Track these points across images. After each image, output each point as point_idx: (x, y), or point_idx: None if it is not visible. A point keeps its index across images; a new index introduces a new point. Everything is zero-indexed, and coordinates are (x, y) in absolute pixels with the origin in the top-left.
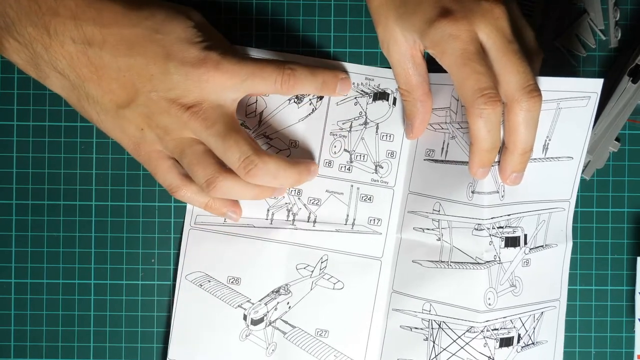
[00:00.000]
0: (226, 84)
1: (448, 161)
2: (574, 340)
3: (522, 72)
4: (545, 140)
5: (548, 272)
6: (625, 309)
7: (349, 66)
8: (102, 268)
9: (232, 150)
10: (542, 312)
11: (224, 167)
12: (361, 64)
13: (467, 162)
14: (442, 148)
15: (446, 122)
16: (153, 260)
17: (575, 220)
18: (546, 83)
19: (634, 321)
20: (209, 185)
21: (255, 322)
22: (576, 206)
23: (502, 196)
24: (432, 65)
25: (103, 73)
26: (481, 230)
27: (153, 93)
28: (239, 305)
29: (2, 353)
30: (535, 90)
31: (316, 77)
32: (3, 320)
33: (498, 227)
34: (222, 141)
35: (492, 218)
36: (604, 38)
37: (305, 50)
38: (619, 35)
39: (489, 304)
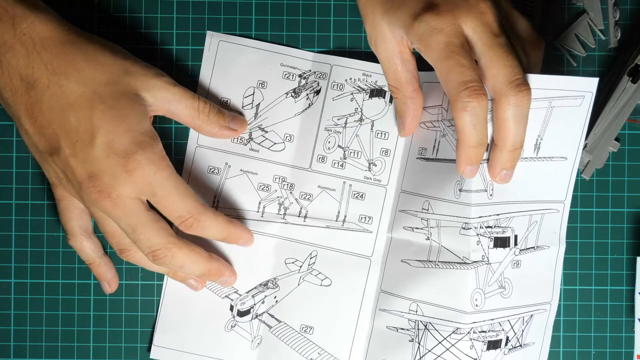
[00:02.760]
0: (137, 187)
1: (439, 159)
2: (574, 340)
3: (509, 66)
4: (537, 139)
5: (539, 274)
6: (625, 309)
7: (346, 61)
8: None
9: (141, 242)
10: (532, 315)
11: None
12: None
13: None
14: (434, 146)
15: (438, 120)
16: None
17: (575, 220)
18: (538, 81)
19: (633, 321)
20: (120, 254)
21: (241, 314)
22: (576, 206)
23: (491, 195)
24: (424, 64)
25: (37, 117)
26: (468, 229)
27: (72, 158)
28: (226, 296)
29: (2, 353)
30: (524, 84)
31: (222, 232)
32: (3, 320)
33: (486, 227)
34: (131, 232)
35: (479, 217)
36: (603, 38)
37: (305, 50)
38: (619, 35)
39: (476, 305)
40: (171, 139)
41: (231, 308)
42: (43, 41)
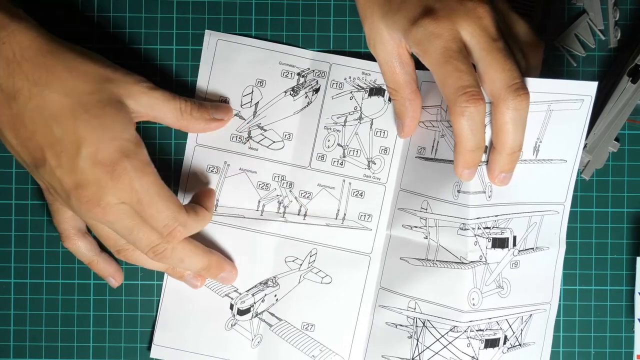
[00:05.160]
0: (123, 194)
1: (437, 159)
2: (574, 340)
3: (508, 70)
4: (536, 142)
5: (538, 275)
6: (625, 309)
7: (345, 60)
8: None
9: (140, 241)
10: (531, 315)
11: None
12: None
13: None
14: (433, 146)
15: (437, 120)
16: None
17: (575, 220)
18: (537, 85)
19: (633, 321)
20: (118, 255)
21: (241, 313)
22: (576, 206)
23: (490, 196)
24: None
25: (20, 128)
26: (466, 230)
27: (58, 169)
28: (226, 294)
29: (2, 353)
30: (522, 89)
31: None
32: (3, 320)
33: (484, 228)
34: (128, 234)
35: (477, 218)
36: (603, 38)
37: (303, 48)
38: (619, 35)
39: (473, 304)
40: (170, 139)
41: (231, 307)
42: (23, 51)
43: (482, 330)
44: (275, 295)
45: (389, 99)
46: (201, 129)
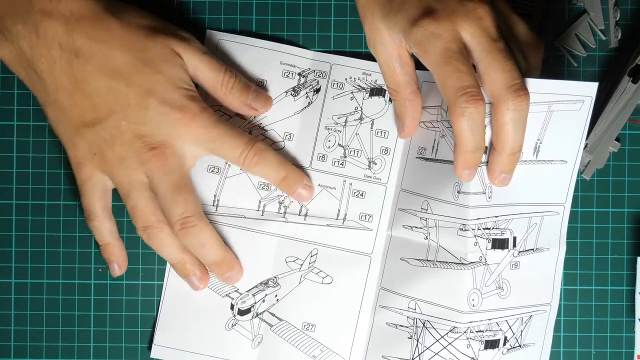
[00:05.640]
0: (196, 137)
1: (438, 160)
2: (574, 340)
3: (508, 70)
4: (536, 143)
5: (538, 276)
6: (625, 309)
7: (346, 60)
8: (103, 268)
9: (178, 205)
10: (531, 316)
11: (163, 219)
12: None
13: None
14: (433, 147)
15: (437, 121)
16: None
17: (575, 220)
18: (537, 85)
19: (634, 321)
20: (144, 231)
21: (242, 313)
22: (576, 206)
23: (490, 197)
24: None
25: (80, 87)
26: (466, 230)
27: (123, 122)
28: (226, 294)
29: (2, 353)
30: (522, 89)
31: (280, 169)
32: (3, 320)
33: (484, 229)
34: (171, 194)
35: (477, 219)
36: (604, 38)
37: (304, 48)
38: (619, 35)
39: (473, 305)
40: None
41: (232, 307)
42: (80, 8)
43: (482, 331)
44: (276, 296)
45: (390, 99)
46: (234, 108)
